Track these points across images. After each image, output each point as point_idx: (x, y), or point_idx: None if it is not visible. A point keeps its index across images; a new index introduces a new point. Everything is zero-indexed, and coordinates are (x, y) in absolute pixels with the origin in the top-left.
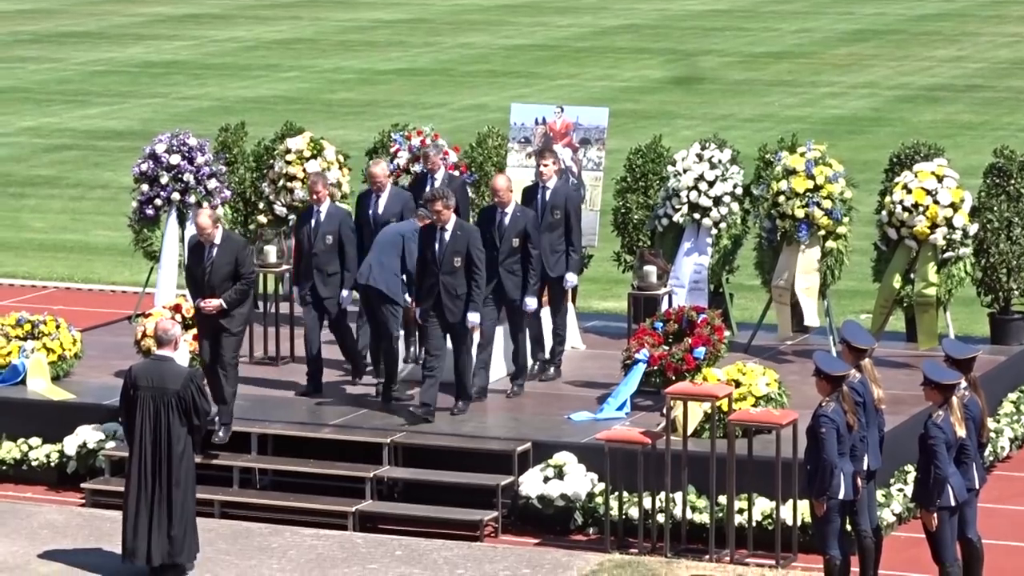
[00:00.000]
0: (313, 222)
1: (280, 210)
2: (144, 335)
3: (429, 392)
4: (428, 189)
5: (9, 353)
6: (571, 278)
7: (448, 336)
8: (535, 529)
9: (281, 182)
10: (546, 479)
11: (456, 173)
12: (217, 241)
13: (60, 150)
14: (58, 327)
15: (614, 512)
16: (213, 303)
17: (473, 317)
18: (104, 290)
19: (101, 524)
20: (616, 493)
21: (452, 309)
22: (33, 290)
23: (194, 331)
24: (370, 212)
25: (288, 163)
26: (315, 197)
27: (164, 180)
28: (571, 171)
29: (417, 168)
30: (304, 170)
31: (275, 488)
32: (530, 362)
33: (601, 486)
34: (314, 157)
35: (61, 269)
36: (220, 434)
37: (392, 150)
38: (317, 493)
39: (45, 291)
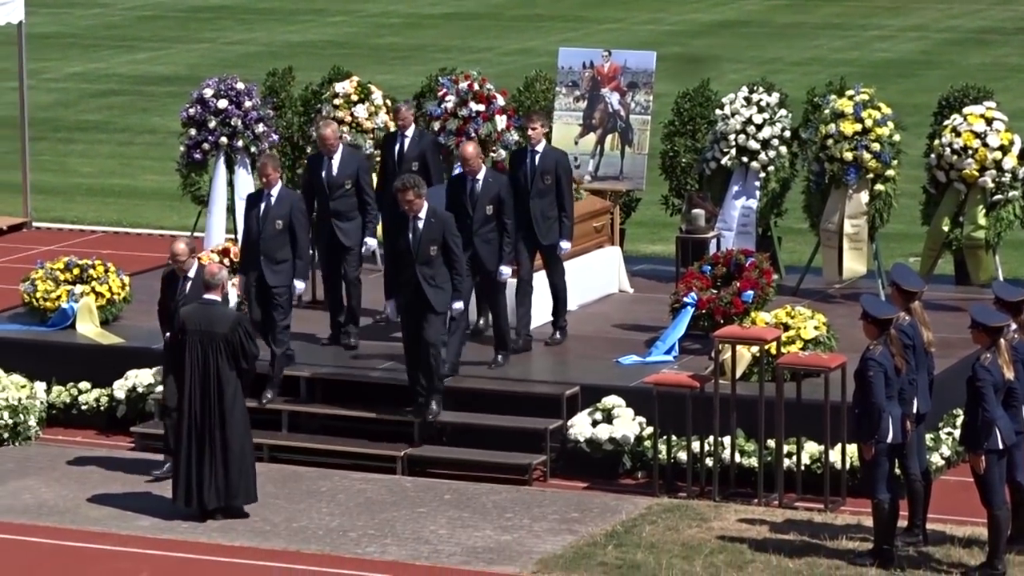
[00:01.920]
0: (263, 206)
1: None
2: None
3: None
4: (398, 149)
5: (58, 297)
6: (565, 245)
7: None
8: (583, 473)
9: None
10: (594, 423)
11: (426, 130)
12: (191, 274)
13: (108, 95)
14: (107, 271)
15: (662, 456)
16: None
17: (458, 305)
18: (152, 234)
19: (151, 468)
20: (664, 437)
21: (436, 298)
22: (82, 235)
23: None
24: (323, 175)
25: (336, 107)
26: (265, 180)
27: (212, 125)
28: (618, 115)
29: (464, 112)
30: (352, 114)
31: (324, 432)
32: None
33: (649, 430)
34: (361, 102)
35: (109, 214)
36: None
37: (439, 94)
38: (366, 437)
39: (94, 236)
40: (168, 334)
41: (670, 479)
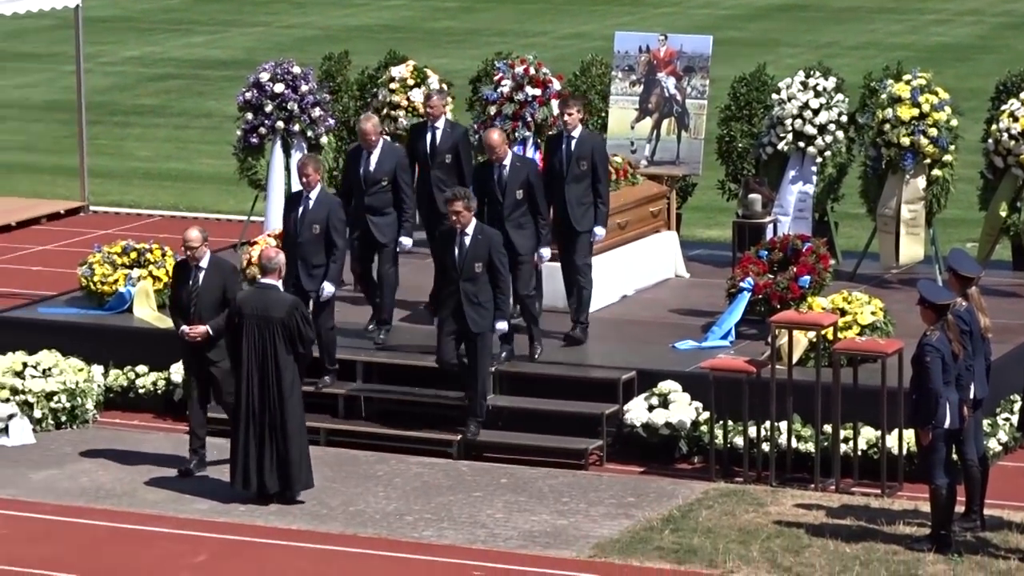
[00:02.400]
0: (301, 209)
1: (384, 138)
2: (249, 263)
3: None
4: (429, 141)
5: (115, 281)
6: (599, 231)
7: (465, 347)
8: (640, 458)
9: (385, 110)
10: (651, 408)
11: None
12: (204, 264)
13: (164, 79)
14: (164, 255)
15: (719, 441)
16: (199, 330)
17: (501, 325)
18: (209, 218)
19: (207, 452)
20: (721, 422)
21: (474, 318)
22: (139, 218)
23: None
24: (360, 170)
25: (392, 91)
26: (305, 181)
27: (268, 109)
28: (675, 99)
29: (520, 96)
30: (408, 98)
31: (380, 416)
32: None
33: (706, 415)
34: (417, 86)
35: (166, 198)
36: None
37: (495, 79)
38: (422, 422)
39: (151, 219)
40: (182, 327)
41: (726, 464)
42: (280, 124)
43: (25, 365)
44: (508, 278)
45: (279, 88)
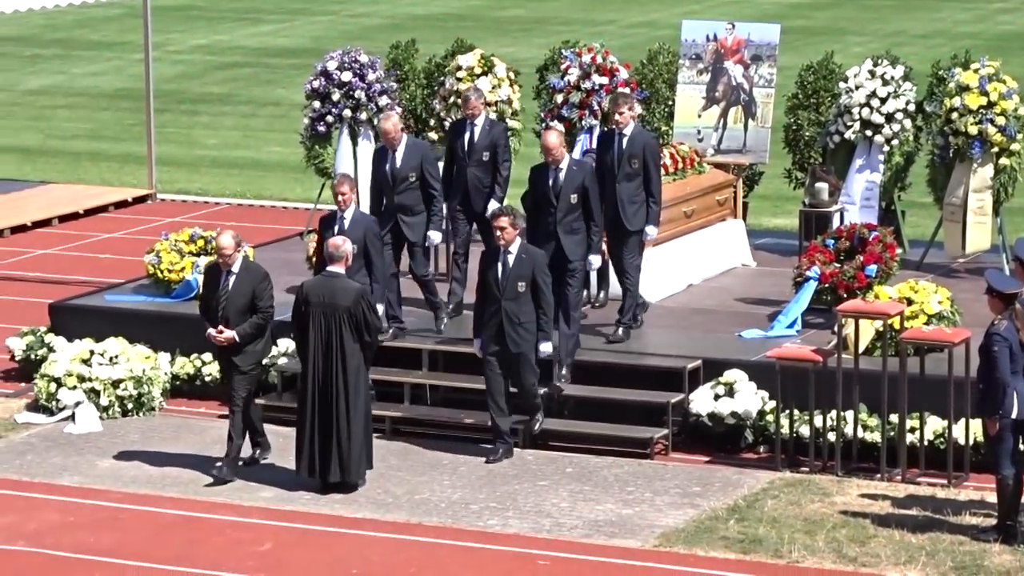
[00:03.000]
0: (336, 229)
1: None
2: (315, 251)
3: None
4: (467, 138)
5: (183, 269)
6: (651, 231)
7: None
8: (705, 447)
9: (452, 99)
10: (717, 397)
11: (494, 118)
12: (236, 269)
13: (232, 67)
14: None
15: (785, 430)
16: (226, 334)
17: (545, 347)
18: (276, 206)
19: (273, 440)
20: (787, 411)
21: (515, 339)
22: (206, 206)
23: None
24: (387, 168)
25: (459, 80)
26: (340, 200)
27: (336, 97)
28: (742, 88)
29: (587, 85)
30: (475, 87)
31: (446, 404)
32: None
33: (772, 404)
34: (484, 74)
35: (233, 185)
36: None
37: (563, 67)
38: (486, 410)
39: (218, 207)
40: (212, 329)
41: (792, 454)
42: (347, 112)
43: (92, 353)
44: (551, 299)
45: (346, 76)
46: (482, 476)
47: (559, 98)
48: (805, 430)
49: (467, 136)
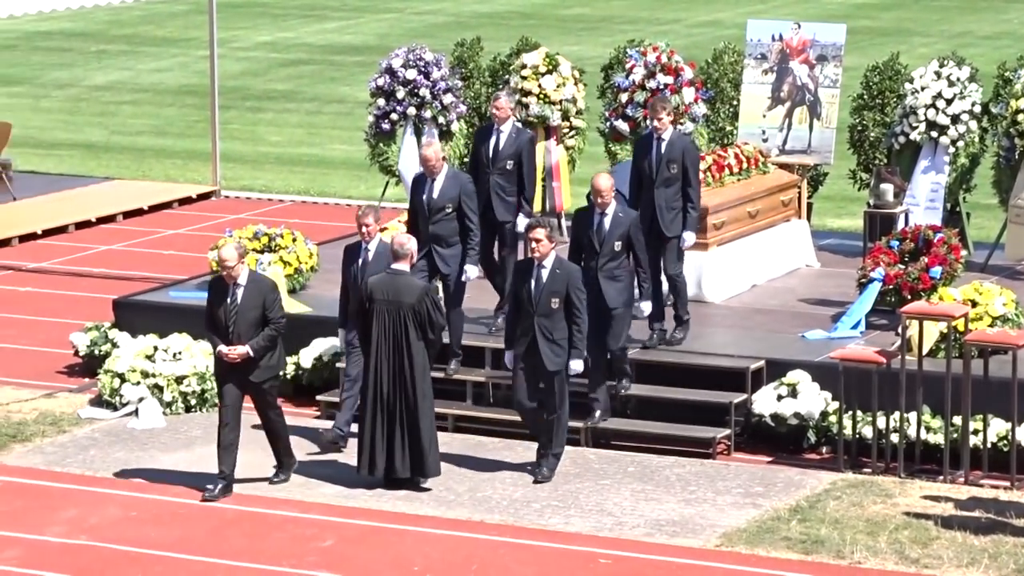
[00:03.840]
0: (360, 261)
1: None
2: None
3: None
4: (492, 144)
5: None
6: (689, 237)
7: (543, 387)
8: (768, 447)
9: (516, 97)
10: (779, 397)
11: (521, 125)
12: (242, 281)
13: (296, 64)
14: (295, 240)
15: (847, 431)
16: (239, 351)
17: (576, 365)
18: (340, 204)
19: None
20: (850, 412)
21: (550, 356)
22: (270, 203)
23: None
24: (424, 197)
25: (524, 78)
26: (365, 231)
27: (400, 95)
28: (807, 88)
29: (652, 84)
30: (540, 85)
31: (507, 404)
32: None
33: (835, 405)
34: (549, 73)
35: (297, 182)
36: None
37: (627, 66)
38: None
39: (282, 204)
40: (220, 347)
41: (855, 455)
42: (412, 110)
43: (156, 348)
44: (585, 316)
45: (411, 74)
46: None
47: (624, 97)
48: (868, 431)
49: (492, 142)
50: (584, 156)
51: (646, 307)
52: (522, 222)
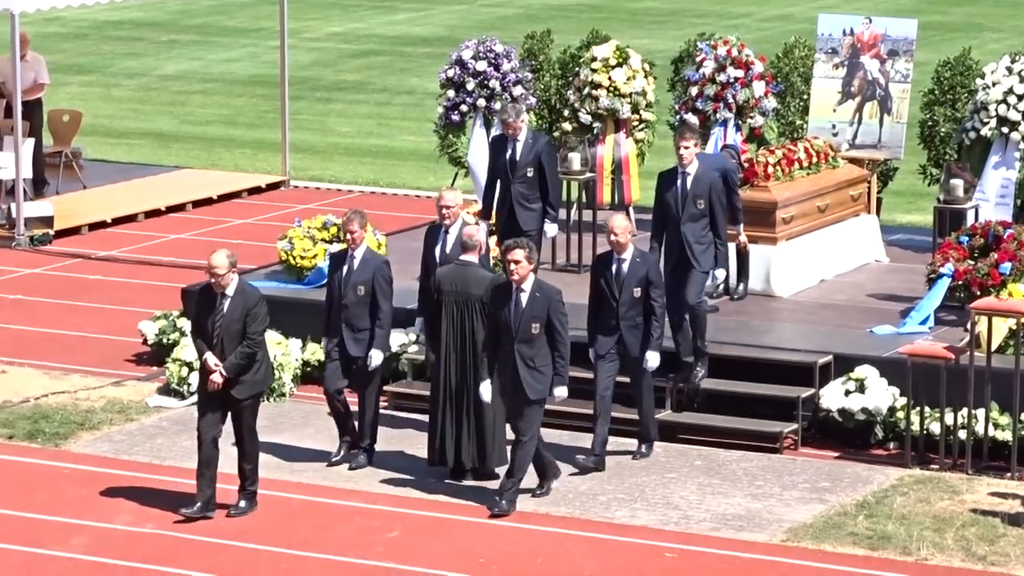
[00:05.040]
0: (345, 269)
1: (585, 118)
2: None
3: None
4: (510, 154)
5: (315, 256)
6: (720, 274)
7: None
8: (835, 442)
9: (586, 90)
10: (847, 392)
11: (536, 131)
12: (230, 292)
13: (367, 55)
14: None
15: (915, 427)
16: (216, 379)
17: (560, 392)
18: (409, 195)
19: (404, 427)
20: (918, 408)
21: (531, 383)
22: (339, 193)
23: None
24: (437, 250)
25: (594, 71)
26: (350, 238)
27: (470, 86)
28: (877, 83)
29: (722, 78)
30: (610, 78)
31: (580, 396)
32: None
33: (903, 401)
34: (619, 65)
35: (367, 173)
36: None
37: (698, 59)
38: (618, 402)
39: (351, 195)
40: (207, 357)
41: (922, 451)
42: (482, 102)
43: None
44: (567, 342)
45: (481, 66)
46: (611, 467)
47: (693, 91)
48: (936, 427)
49: (509, 153)
50: (653, 149)
51: (653, 359)
52: (551, 228)
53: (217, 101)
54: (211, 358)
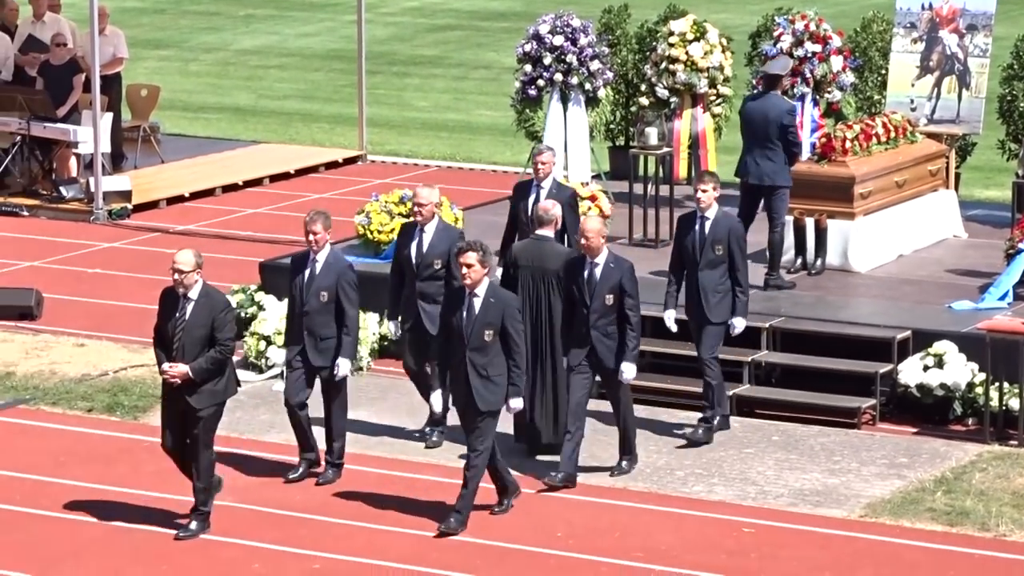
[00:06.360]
0: (307, 273)
1: (662, 92)
2: None
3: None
4: (532, 201)
5: (392, 230)
6: (738, 323)
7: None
8: (913, 418)
9: (663, 64)
10: (926, 368)
11: (562, 181)
12: (193, 295)
13: (444, 30)
14: (439, 205)
15: (994, 403)
16: (178, 370)
17: (516, 403)
18: (485, 170)
19: None
20: (996, 383)
21: (483, 394)
22: (415, 168)
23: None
24: (413, 249)
25: (671, 45)
26: (312, 240)
27: (547, 61)
28: (956, 57)
29: (800, 52)
30: (687, 52)
31: (652, 370)
32: None
33: (981, 376)
34: (697, 40)
35: (443, 148)
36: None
37: (775, 34)
38: (695, 376)
39: (427, 169)
40: (164, 364)
41: (1001, 426)
42: (558, 76)
43: None
44: (523, 350)
45: (558, 40)
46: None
47: None
48: (1015, 403)
49: (532, 198)
50: (731, 124)
51: (629, 370)
52: None
53: (294, 76)
54: (166, 366)
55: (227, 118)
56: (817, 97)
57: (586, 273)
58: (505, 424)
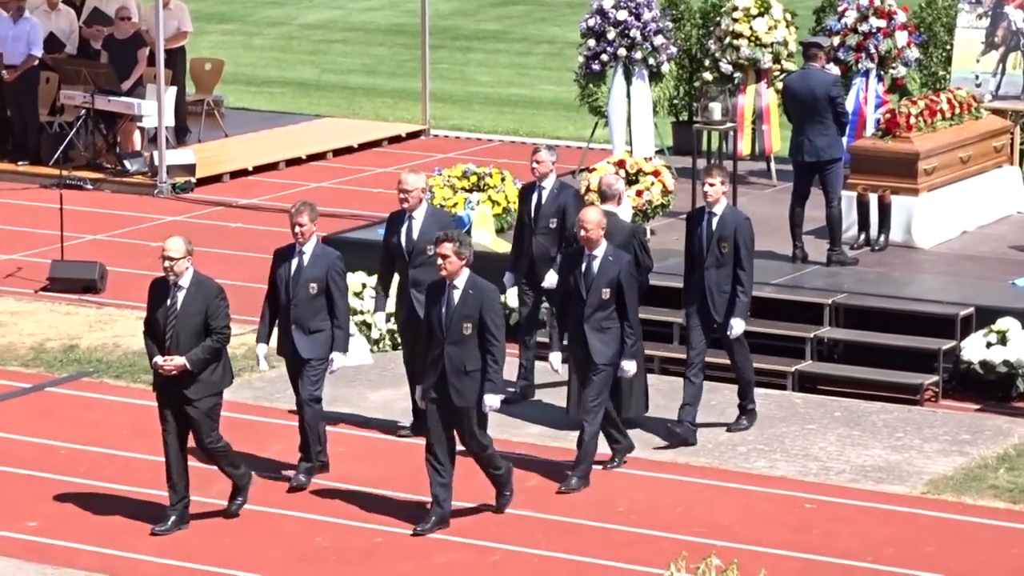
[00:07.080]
0: (294, 264)
1: (725, 67)
2: (587, 190)
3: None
4: (535, 202)
5: (455, 204)
6: (737, 325)
7: (453, 428)
8: (976, 395)
9: (727, 39)
10: (988, 344)
11: (566, 180)
12: (184, 283)
13: (507, 5)
14: (503, 180)
15: None
16: (174, 362)
17: (491, 400)
18: (549, 144)
19: (542, 376)
20: None
21: (459, 389)
22: (479, 143)
23: (637, 187)
24: (403, 236)
25: (735, 20)
26: (298, 232)
27: (611, 36)
28: (1021, 33)
29: (864, 28)
30: (751, 27)
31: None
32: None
33: None
34: (761, 15)
35: (506, 123)
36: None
37: (840, 9)
38: (757, 352)
39: (490, 144)
40: (156, 357)
41: None
42: (622, 51)
43: (364, 286)
44: (502, 345)
45: (622, 15)
46: None
47: (836, 40)
48: None
49: (534, 201)
50: None
51: (629, 366)
52: (550, 278)
53: (358, 50)
54: (160, 359)
55: (291, 92)
56: (882, 73)
57: (584, 266)
58: (556, 396)
